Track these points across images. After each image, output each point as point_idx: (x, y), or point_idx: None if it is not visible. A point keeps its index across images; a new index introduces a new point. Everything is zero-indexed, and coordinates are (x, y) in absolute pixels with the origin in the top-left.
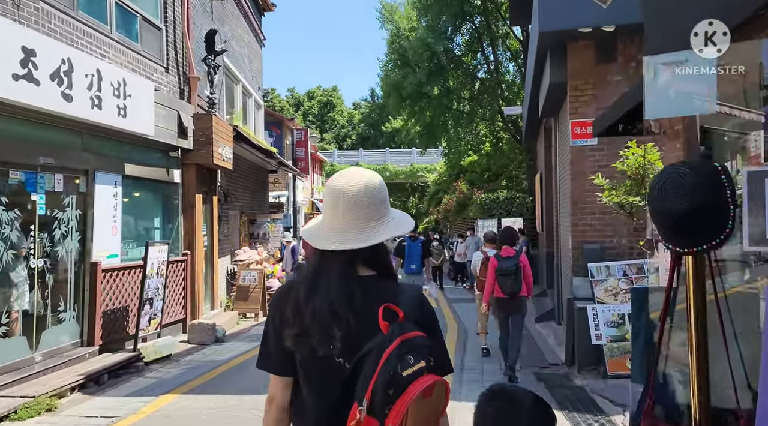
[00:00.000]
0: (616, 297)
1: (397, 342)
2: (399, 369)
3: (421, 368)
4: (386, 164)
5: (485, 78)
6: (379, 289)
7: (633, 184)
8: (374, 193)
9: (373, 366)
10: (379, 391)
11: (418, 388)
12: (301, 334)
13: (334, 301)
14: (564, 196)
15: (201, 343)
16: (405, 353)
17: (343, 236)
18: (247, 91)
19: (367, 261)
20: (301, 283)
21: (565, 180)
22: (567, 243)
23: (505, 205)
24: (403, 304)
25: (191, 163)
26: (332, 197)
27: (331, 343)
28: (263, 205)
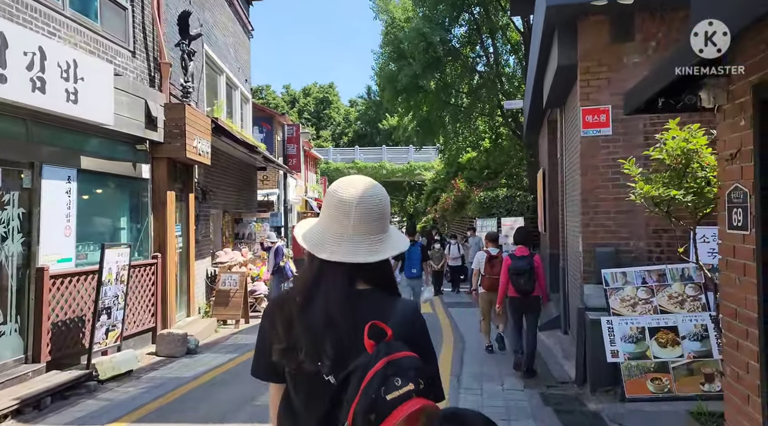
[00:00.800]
0: (634, 308)
1: (382, 363)
2: (383, 392)
3: (409, 391)
4: (383, 162)
5: (484, 71)
6: (374, 304)
7: (673, 176)
8: (384, 207)
9: (356, 388)
10: (360, 416)
11: (402, 414)
12: (289, 348)
13: (331, 314)
14: (572, 193)
15: (170, 355)
16: (391, 375)
17: (354, 247)
18: (232, 82)
19: (369, 275)
20: (297, 294)
21: (573, 175)
22: (576, 245)
23: (505, 203)
24: (395, 322)
25: (162, 157)
26: (344, 206)
27: (320, 359)
28: (251, 203)
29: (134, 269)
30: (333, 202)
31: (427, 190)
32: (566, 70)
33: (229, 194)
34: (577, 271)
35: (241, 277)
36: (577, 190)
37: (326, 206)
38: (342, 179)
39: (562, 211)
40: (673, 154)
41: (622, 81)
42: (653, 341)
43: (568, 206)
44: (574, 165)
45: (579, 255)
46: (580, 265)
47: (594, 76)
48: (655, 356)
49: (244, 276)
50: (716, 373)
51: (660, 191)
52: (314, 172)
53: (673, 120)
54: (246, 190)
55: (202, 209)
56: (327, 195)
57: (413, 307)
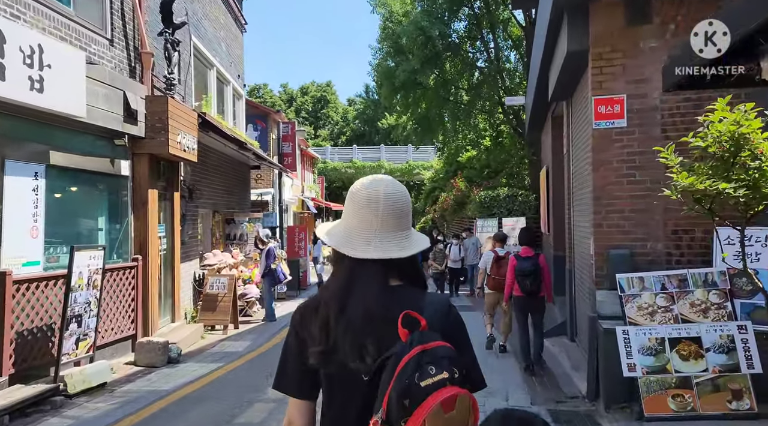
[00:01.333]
0: (652, 317)
1: (416, 350)
2: (417, 379)
3: (443, 379)
4: (381, 161)
5: (484, 67)
6: (406, 298)
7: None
8: (408, 203)
9: (390, 375)
10: (394, 402)
11: (435, 400)
12: (328, 350)
13: (370, 312)
14: (582, 191)
15: (150, 365)
16: (426, 363)
17: (384, 244)
18: (224, 77)
19: (400, 271)
20: (331, 297)
21: (583, 172)
22: (586, 247)
23: (506, 203)
24: (428, 313)
25: (143, 153)
26: (372, 203)
27: (362, 357)
28: (244, 203)
29: (112, 273)
30: (359, 200)
31: (426, 190)
32: (576, 57)
33: (220, 193)
34: (587, 275)
35: (229, 280)
36: (587, 187)
37: (351, 205)
38: (364, 178)
39: (569, 210)
40: (721, 140)
41: (638, 67)
42: (674, 353)
43: (577, 205)
44: (584, 161)
45: (590, 258)
46: (591, 269)
47: (607, 62)
48: (676, 370)
49: (233, 279)
50: (745, 390)
51: (706, 184)
52: (311, 172)
53: (722, 98)
54: (238, 189)
55: (189, 209)
56: (351, 194)
57: (446, 299)
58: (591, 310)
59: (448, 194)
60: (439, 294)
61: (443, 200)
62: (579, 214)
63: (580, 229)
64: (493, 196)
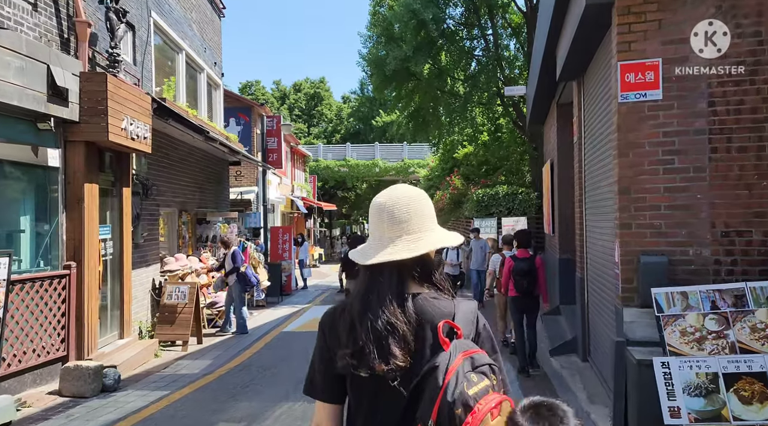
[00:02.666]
0: (700, 344)
1: (459, 359)
2: (465, 387)
3: (486, 387)
4: (375, 160)
5: (482, 56)
6: (433, 307)
7: None
8: (413, 204)
9: (437, 385)
10: (446, 412)
11: (487, 408)
12: (356, 352)
13: (392, 313)
14: (601, 184)
15: (77, 395)
16: (468, 371)
17: (391, 248)
18: (196, 64)
19: (417, 276)
20: (354, 301)
21: (601, 161)
22: (603, 252)
23: (506, 201)
24: (460, 320)
25: (78, 141)
26: (377, 212)
27: (389, 360)
28: (220, 202)
29: (33, 283)
30: (371, 210)
31: (421, 188)
32: (595, 13)
33: (189, 190)
34: (609, 287)
35: (191, 288)
36: (610, 178)
37: (369, 217)
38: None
39: (580, 208)
40: None
41: (678, 24)
42: (732, 394)
43: (592, 202)
44: (604, 147)
45: (614, 266)
46: (615, 281)
47: (637, 17)
48: (735, 417)
49: (195, 287)
50: None
51: None
52: (302, 170)
53: None
54: (213, 186)
55: (147, 207)
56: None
57: (473, 306)
58: (615, 331)
59: (443, 192)
60: (466, 300)
61: (438, 199)
62: (594, 213)
63: (595, 231)
64: (492, 194)
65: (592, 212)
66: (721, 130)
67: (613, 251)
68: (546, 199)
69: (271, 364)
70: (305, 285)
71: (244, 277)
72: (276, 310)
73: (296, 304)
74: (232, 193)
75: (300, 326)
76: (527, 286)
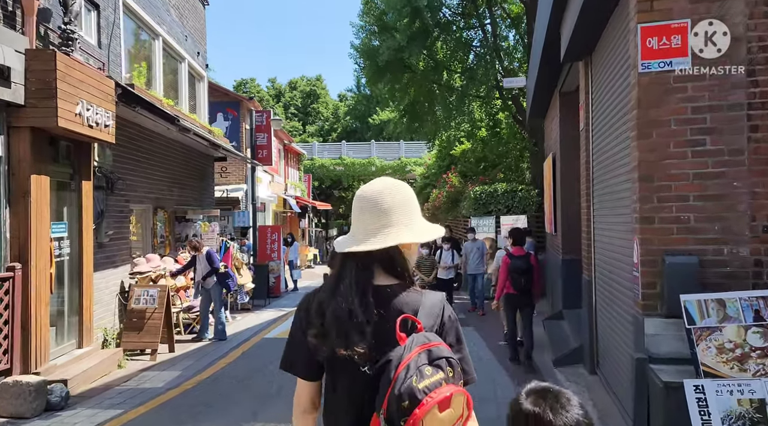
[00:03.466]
0: (742, 363)
1: (414, 353)
2: (415, 381)
3: (439, 379)
4: (372, 158)
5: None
6: (399, 300)
7: None
8: (395, 197)
9: (389, 378)
10: (394, 403)
11: (433, 401)
12: (322, 333)
13: (351, 302)
14: (612, 174)
15: (16, 415)
16: (423, 364)
17: (365, 238)
18: (175, 52)
19: (385, 267)
20: (325, 286)
21: (617, 145)
22: (622, 251)
23: (505, 199)
24: (424, 313)
25: (23, 127)
26: (357, 203)
27: (348, 346)
28: (204, 199)
29: None
30: (354, 202)
31: (418, 187)
32: None
33: (166, 186)
34: (625, 292)
35: (161, 291)
36: (628, 165)
37: (352, 208)
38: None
39: (587, 203)
40: None
41: None
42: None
43: (601, 195)
44: (618, 129)
45: (632, 268)
46: (634, 285)
47: None
48: None
49: (166, 290)
50: None
51: None
52: (297, 169)
53: None
54: (195, 182)
55: (114, 203)
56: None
57: (440, 298)
58: (633, 344)
59: (440, 190)
60: (435, 293)
61: (434, 197)
62: (604, 207)
63: (605, 227)
64: (490, 191)
65: (601, 207)
66: (762, 104)
67: (630, 250)
68: (547, 196)
69: (245, 375)
70: (295, 287)
71: (225, 277)
72: (261, 313)
73: (283, 308)
74: (219, 191)
75: (283, 332)
76: (525, 283)
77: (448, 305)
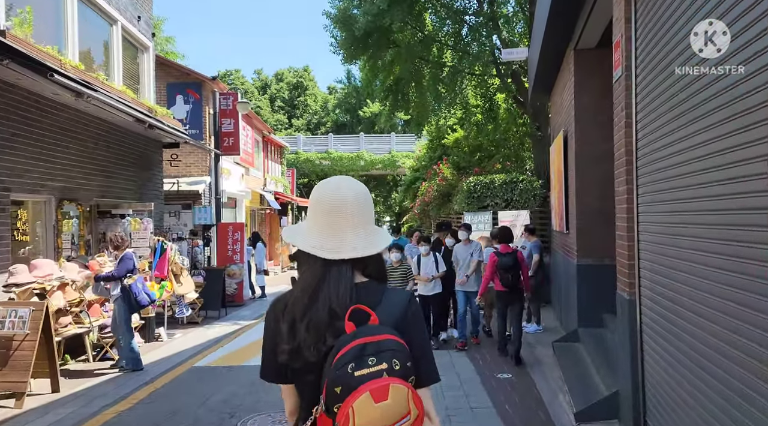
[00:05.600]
0: None
1: (356, 342)
2: (350, 368)
3: (380, 370)
4: (360, 152)
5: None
6: (369, 294)
7: None
8: (370, 200)
9: (328, 364)
10: (329, 389)
11: (365, 389)
12: (295, 349)
13: (333, 309)
14: (710, 133)
15: None
16: (367, 355)
17: (353, 243)
18: (105, 13)
19: (366, 268)
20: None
21: (709, 88)
22: (724, 265)
23: (503, 192)
24: (384, 307)
25: None
26: (339, 204)
27: (320, 349)
28: (145, 191)
29: None
30: (325, 202)
31: (406, 181)
32: None
33: (80, 173)
34: (725, 328)
35: (35, 311)
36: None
37: (317, 207)
38: (326, 181)
39: (629, 188)
40: None
41: None
42: None
43: (654, 174)
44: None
45: (755, 295)
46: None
47: None
48: None
49: (43, 310)
50: None
51: None
52: (279, 163)
53: None
54: (132, 171)
55: None
56: (315, 197)
57: (406, 295)
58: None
59: (430, 183)
60: (402, 290)
61: (424, 191)
62: (666, 192)
63: (667, 222)
64: (486, 182)
65: (659, 193)
66: None
67: (741, 261)
68: (556, 187)
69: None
70: (263, 293)
71: (128, 295)
72: (210, 328)
73: (241, 320)
74: (169, 183)
75: (222, 358)
76: (512, 279)
77: (415, 302)
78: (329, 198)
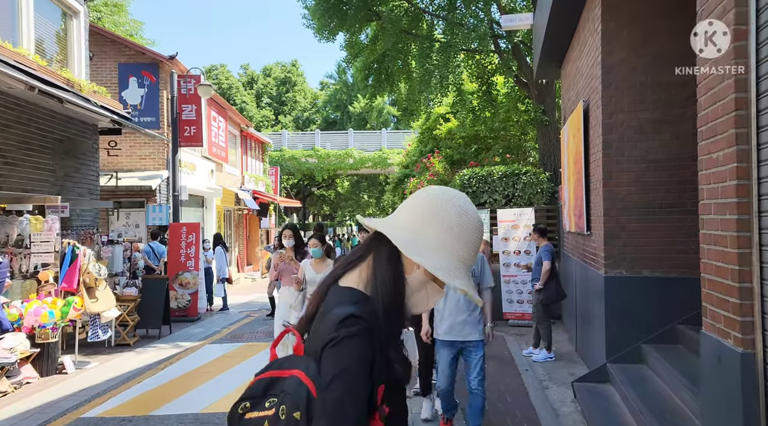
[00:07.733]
0: None
1: (259, 377)
2: (244, 408)
3: (262, 417)
4: (349, 149)
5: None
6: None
7: None
8: None
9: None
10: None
11: None
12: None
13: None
14: None
15: None
16: (271, 394)
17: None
18: None
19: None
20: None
21: None
22: None
23: (503, 186)
24: (317, 328)
25: None
26: (480, 227)
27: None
28: (70, 185)
29: None
30: (470, 224)
31: (394, 178)
32: None
33: None
34: None
35: None
36: None
37: (464, 221)
38: (456, 198)
39: (741, 166)
40: None
41: None
42: None
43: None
44: None
45: None
46: None
47: None
48: None
49: None
50: None
51: None
52: (261, 160)
53: None
54: (47, 160)
55: None
56: (459, 217)
57: (340, 314)
58: None
59: (420, 179)
60: (347, 304)
61: (412, 188)
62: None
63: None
64: (483, 175)
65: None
66: None
67: None
68: (571, 178)
69: None
70: (225, 305)
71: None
72: (143, 352)
73: (186, 341)
74: (106, 176)
75: (129, 402)
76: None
77: (345, 328)
78: (474, 215)
